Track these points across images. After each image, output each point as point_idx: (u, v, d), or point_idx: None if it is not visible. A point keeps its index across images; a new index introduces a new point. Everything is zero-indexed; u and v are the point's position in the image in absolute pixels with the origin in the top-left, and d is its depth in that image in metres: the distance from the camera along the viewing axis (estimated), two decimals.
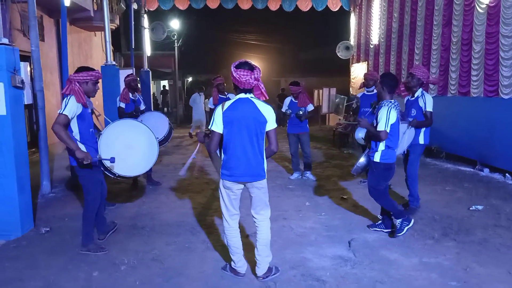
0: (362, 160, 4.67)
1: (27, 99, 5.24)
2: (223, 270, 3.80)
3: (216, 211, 5.56)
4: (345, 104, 13.87)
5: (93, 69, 4.20)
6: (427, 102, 5.10)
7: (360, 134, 6.41)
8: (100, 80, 4.27)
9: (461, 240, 4.43)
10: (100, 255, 4.15)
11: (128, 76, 6.82)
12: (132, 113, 6.61)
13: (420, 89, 5.21)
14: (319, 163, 8.88)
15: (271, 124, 3.47)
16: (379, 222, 4.82)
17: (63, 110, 3.92)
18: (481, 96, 8.10)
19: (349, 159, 9.38)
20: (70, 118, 3.96)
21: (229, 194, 3.58)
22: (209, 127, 3.54)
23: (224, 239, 3.97)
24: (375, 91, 6.82)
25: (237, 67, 3.37)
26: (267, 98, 3.55)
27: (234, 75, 3.36)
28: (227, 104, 3.46)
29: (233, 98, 3.53)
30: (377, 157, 4.44)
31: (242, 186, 3.56)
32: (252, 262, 3.76)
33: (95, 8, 12.01)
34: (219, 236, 4.65)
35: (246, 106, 3.41)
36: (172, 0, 14.96)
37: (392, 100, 4.42)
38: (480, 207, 5.49)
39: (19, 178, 4.68)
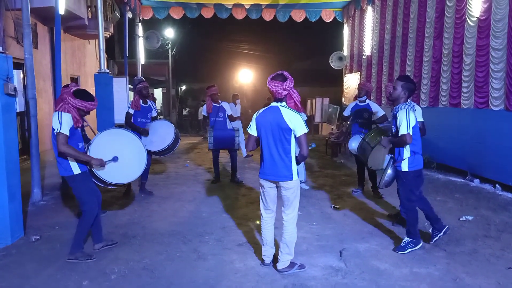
0: (390, 171, 4.47)
1: (20, 106, 5.23)
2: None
3: (208, 220, 5.56)
4: (337, 114, 13.96)
5: (91, 99, 4.18)
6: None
7: (353, 144, 6.46)
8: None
9: (451, 250, 4.46)
10: (91, 263, 4.12)
11: (139, 83, 6.80)
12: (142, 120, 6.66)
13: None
14: (312, 172, 8.91)
15: (299, 130, 3.71)
16: (431, 229, 4.64)
17: (61, 129, 3.95)
18: (471, 108, 8.20)
19: (341, 169, 9.42)
20: (68, 133, 4.00)
21: (263, 190, 3.96)
22: (247, 130, 3.98)
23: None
24: (367, 101, 6.87)
25: (272, 78, 3.77)
26: (300, 106, 3.95)
27: (268, 85, 3.75)
28: (260, 111, 3.92)
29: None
30: (404, 166, 4.30)
31: (272, 184, 3.88)
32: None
33: (90, 17, 12.04)
34: (210, 246, 4.64)
35: (272, 114, 3.78)
36: (166, 9, 15.03)
37: (408, 102, 4.31)
38: (470, 218, 5.54)
39: (9, 186, 4.65)
